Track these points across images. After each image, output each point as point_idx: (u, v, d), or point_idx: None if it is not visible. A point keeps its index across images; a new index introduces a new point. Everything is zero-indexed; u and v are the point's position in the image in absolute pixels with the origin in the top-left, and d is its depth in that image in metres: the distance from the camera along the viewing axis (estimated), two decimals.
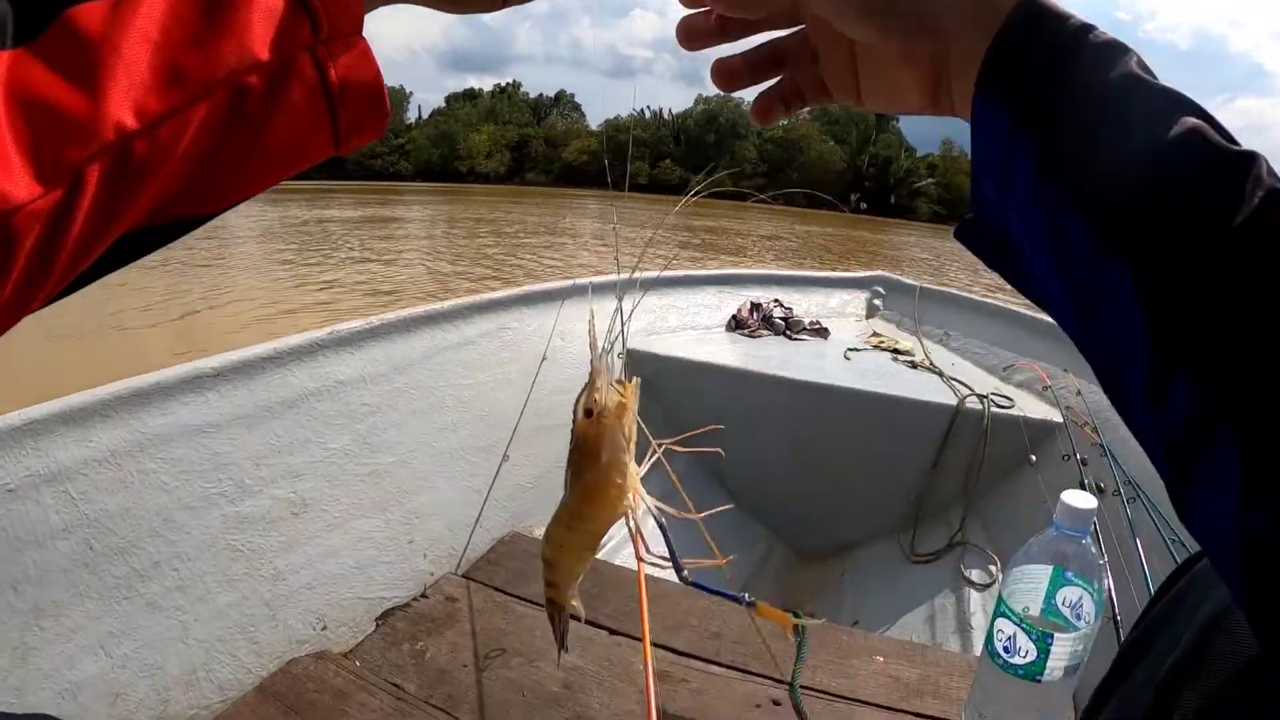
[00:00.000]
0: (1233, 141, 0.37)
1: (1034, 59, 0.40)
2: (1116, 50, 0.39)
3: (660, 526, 0.68)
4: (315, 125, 0.42)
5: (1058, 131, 0.39)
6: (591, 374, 0.56)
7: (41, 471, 1.10)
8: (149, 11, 0.35)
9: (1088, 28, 0.40)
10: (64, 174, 0.33)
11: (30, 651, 1.06)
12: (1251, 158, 0.36)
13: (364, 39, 0.43)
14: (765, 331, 2.99)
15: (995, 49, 0.41)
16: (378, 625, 1.47)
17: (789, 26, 0.52)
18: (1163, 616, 0.59)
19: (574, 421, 0.57)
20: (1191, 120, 0.37)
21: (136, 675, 1.16)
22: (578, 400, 0.57)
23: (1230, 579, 0.36)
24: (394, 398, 1.67)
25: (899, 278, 3.69)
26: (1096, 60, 0.39)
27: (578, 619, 0.72)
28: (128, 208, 0.37)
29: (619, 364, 0.55)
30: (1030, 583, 0.99)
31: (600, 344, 0.57)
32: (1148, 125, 0.37)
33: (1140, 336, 0.37)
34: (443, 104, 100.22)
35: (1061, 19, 0.40)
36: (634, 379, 0.58)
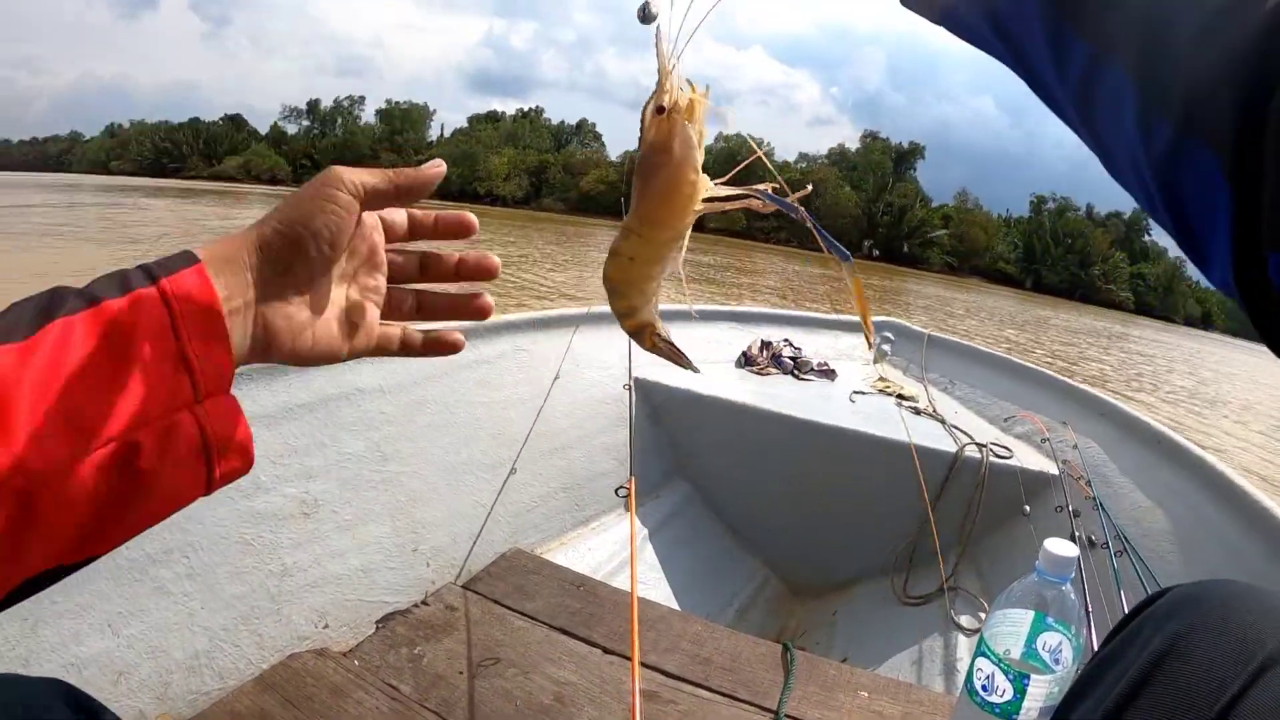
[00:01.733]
0: None
1: None
2: None
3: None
4: (194, 477, 0.46)
5: None
6: (660, 74, 0.54)
7: None
8: (53, 362, 0.40)
9: None
10: None
11: (39, 623, 1.10)
12: None
13: (233, 396, 0.48)
14: (774, 370, 3.03)
15: None
16: (378, 627, 1.51)
17: None
18: (1116, 651, 0.62)
19: (642, 124, 0.55)
20: None
21: (140, 656, 1.20)
22: (646, 104, 0.55)
23: (1151, 201, 0.42)
24: (410, 410, 1.71)
25: (908, 324, 3.73)
26: None
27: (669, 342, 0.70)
28: (23, 554, 0.40)
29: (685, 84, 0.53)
30: (1012, 626, 1.02)
31: (670, 49, 0.54)
32: None
33: (1035, 9, 0.44)
34: (465, 124, 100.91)
35: None
36: (707, 85, 0.56)
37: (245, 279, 0.48)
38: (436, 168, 0.56)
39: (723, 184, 0.58)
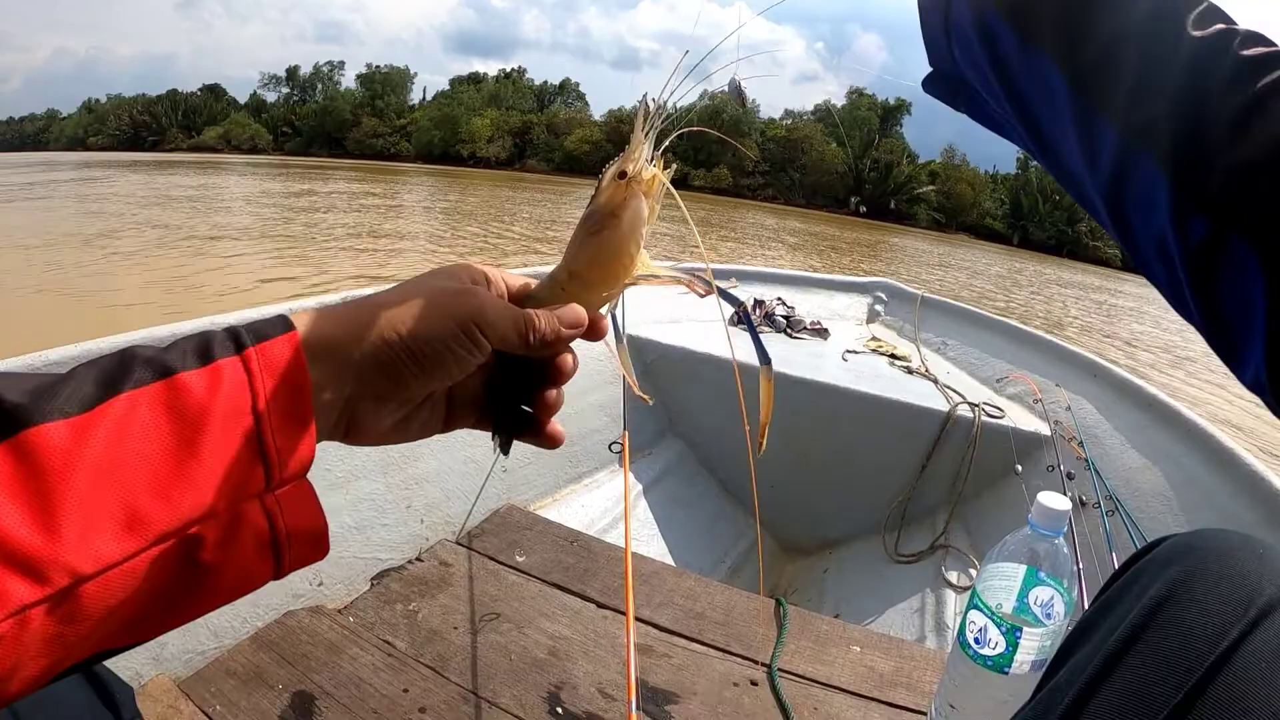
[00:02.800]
0: None
1: None
2: None
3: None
4: (260, 569, 0.42)
5: None
6: (633, 142, 0.54)
7: None
8: (112, 442, 0.35)
9: None
10: (6, 617, 0.32)
11: None
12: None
13: (308, 481, 0.44)
14: (767, 328, 3.02)
15: None
16: (372, 585, 1.51)
17: None
18: (1114, 597, 0.62)
19: (599, 182, 0.55)
20: None
21: None
22: (610, 164, 0.55)
23: (1177, 286, 0.44)
24: None
25: (901, 285, 3.72)
26: None
27: None
28: (67, 648, 0.35)
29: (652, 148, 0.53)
30: (1004, 579, 1.03)
31: (644, 119, 0.54)
32: None
33: (1065, 99, 0.46)
34: (447, 86, 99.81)
35: None
36: (671, 166, 0.56)
37: (346, 376, 0.45)
38: (577, 325, 0.54)
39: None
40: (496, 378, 0.55)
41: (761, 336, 2.66)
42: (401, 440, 0.52)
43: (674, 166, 0.56)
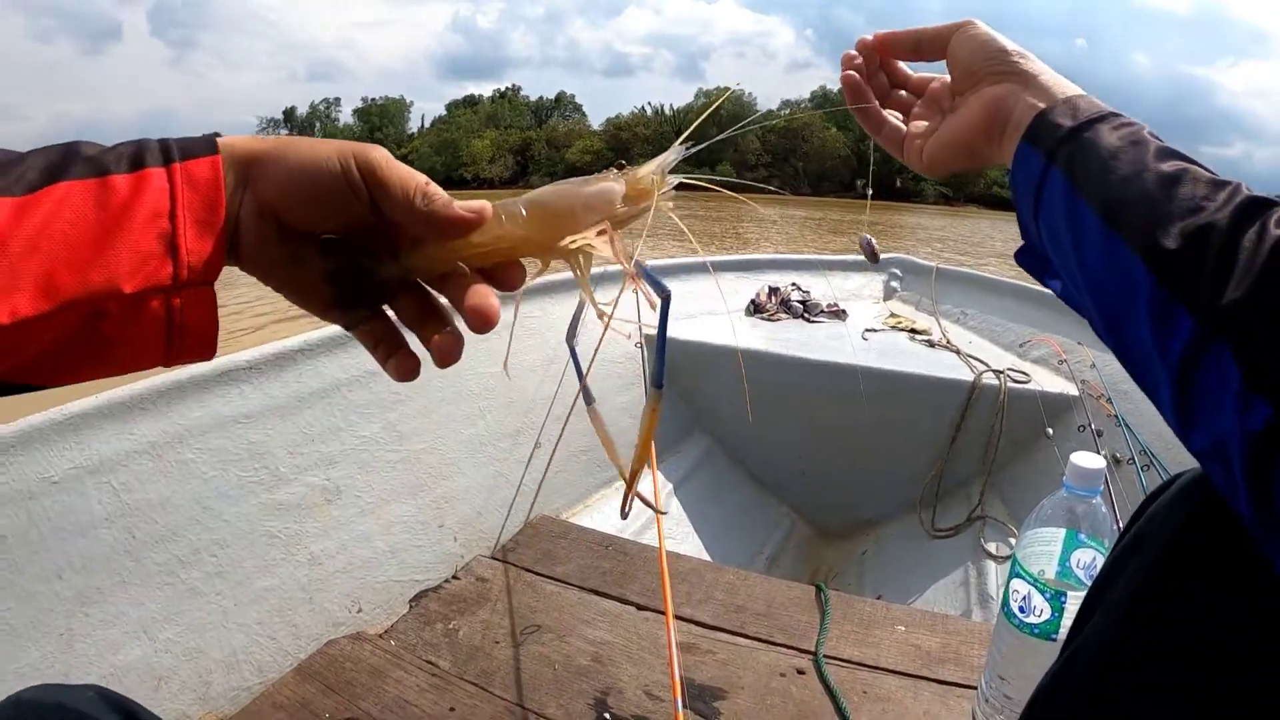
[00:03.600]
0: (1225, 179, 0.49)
1: (1069, 120, 0.57)
2: (1132, 127, 0.55)
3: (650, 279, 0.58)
4: (150, 350, 0.47)
5: (1078, 162, 0.55)
6: (649, 164, 0.56)
7: (84, 464, 1.15)
8: (44, 222, 0.41)
9: (1115, 114, 0.56)
10: None
11: (75, 637, 1.10)
12: (1229, 183, 0.48)
13: (213, 290, 0.47)
14: (783, 315, 3.01)
15: (1043, 113, 0.58)
16: (411, 606, 1.51)
17: (927, 56, 0.72)
18: (1139, 535, 0.63)
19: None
20: (1184, 163, 0.51)
21: (179, 659, 1.21)
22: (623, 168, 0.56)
23: (1233, 487, 0.44)
24: (421, 386, 1.71)
25: (915, 259, 3.69)
26: (1115, 128, 0.55)
27: None
28: None
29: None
30: (1044, 545, 1.02)
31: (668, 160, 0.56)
32: (1142, 165, 0.51)
33: (1142, 284, 0.48)
34: (443, 112, 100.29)
35: (1098, 106, 0.58)
36: (668, 198, 0.57)
37: (243, 184, 0.48)
38: (458, 211, 0.51)
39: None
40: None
41: (779, 323, 2.65)
42: (284, 292, 0.53)
43: (674, 187, 0.57)
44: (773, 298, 3.08)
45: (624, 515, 0.60)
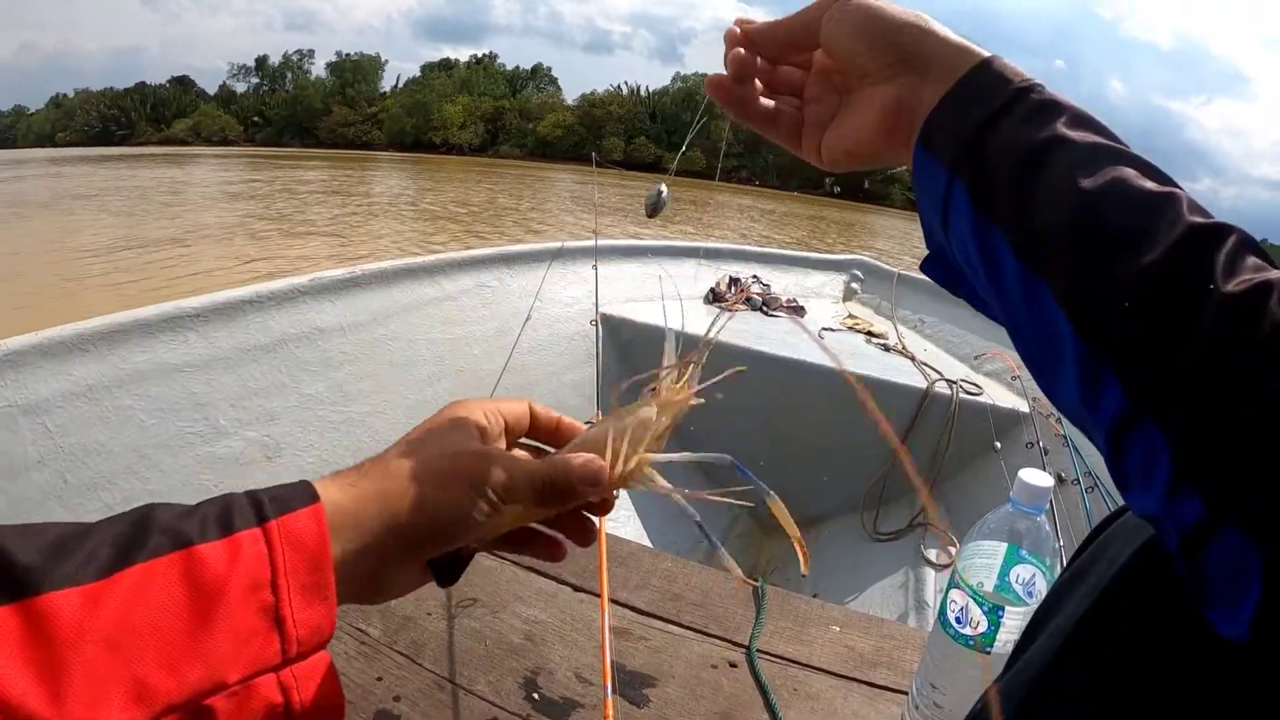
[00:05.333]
0: (1167, 181, 0.43)
1: (971, 117, 0.47)
2: (1048, 111, 0.46)
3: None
4: None
5: (982, 178, 0.46)
6: (669, 370, 0.60)
7: (19, 402, 1.10)
8: (124, 612, 0.35)
9: (1027, 90, 0.47)
10: None
11: None
12: (1168, 198, 0.41)
13: (328, 654, 0.43)
14: (742, 307, 3.01)
15: (939, 106, 0.49)
16: None
17: (805, 51, 0.60)
18: (1085, 565, 0.61)
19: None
20: (1113, 170, 0.43)
21: None
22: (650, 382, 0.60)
23: (1170, 552, 0.41)
24: (371, 348, 1.67)
25: (878, 262, 3.71)
26: (1026, 120, 0.46)
27: None
28: None
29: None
30: (985, 558, 1.02)
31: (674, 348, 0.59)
32: (1063, 180, 0.43)
33: (1068, 342, 0.42)
34: (418, 73, 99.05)
35: (1006, 82, 0.48)
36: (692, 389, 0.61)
37: (368, 550, 0.45)
38: (593, 480, 0.55)
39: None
40: None
41: (737, 314, 2.64)
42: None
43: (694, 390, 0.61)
44: (733, 288, 3.08)
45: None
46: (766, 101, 0.63)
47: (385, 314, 1.72)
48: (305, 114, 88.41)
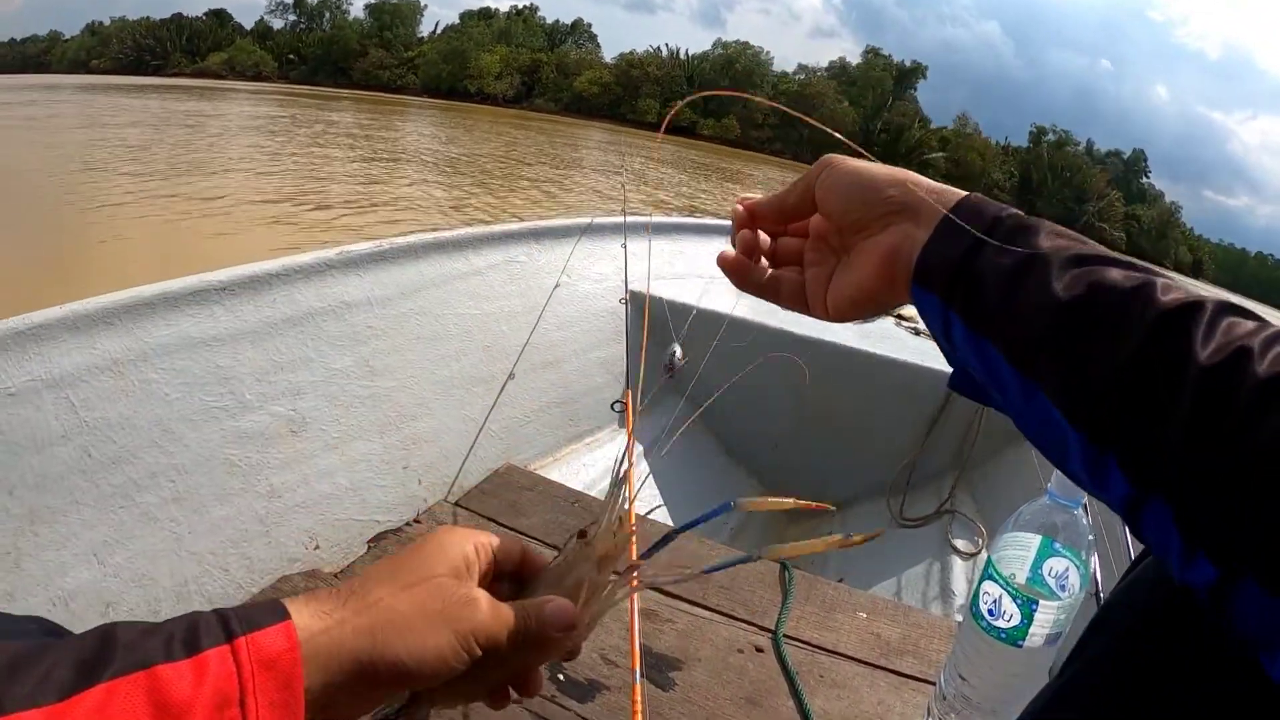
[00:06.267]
0: (1140, 271, 0.46)
1: (956, 250, 0.51)
2: (1024, 233, 0.50)
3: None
4: None
5: (972, 302, 0.50)
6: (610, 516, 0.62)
7: (43, 376, 1.10)
8: None
9: (1003, 217, 0.51)
10: None
11: (23, 557, 1.06)
12: (1139, 289, 0.44)
13: None
14: None
15: (927, 246, 0.53)
16: (370, 547, 1.49)
17: (803, 217, 0.66)
18: (1134, 586, 0.62)
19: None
20: (1087, 275, 0.46)
21: (128, 585, 1.17)
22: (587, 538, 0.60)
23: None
24: (399, 322, 1.67)
25: None
26: (1005, 243, 0.50)
27: None
28: None
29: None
30: (1019, 549, 1.00)
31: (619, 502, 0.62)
32: (1043, 293, 0.46)
33: (1070, 436, 0.45)
34: (457, 20, 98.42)
35: (983, 214, 0.52)
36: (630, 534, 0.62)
37: (335, 685, 0.44)
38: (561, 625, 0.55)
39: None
40: None
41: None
42: None
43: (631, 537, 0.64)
44: None
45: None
46: (772, 271, 0.69)
47: (413, 288, 1.71)
48: (341, 54, 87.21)
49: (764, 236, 0.68)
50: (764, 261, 0.68)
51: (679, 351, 1.01)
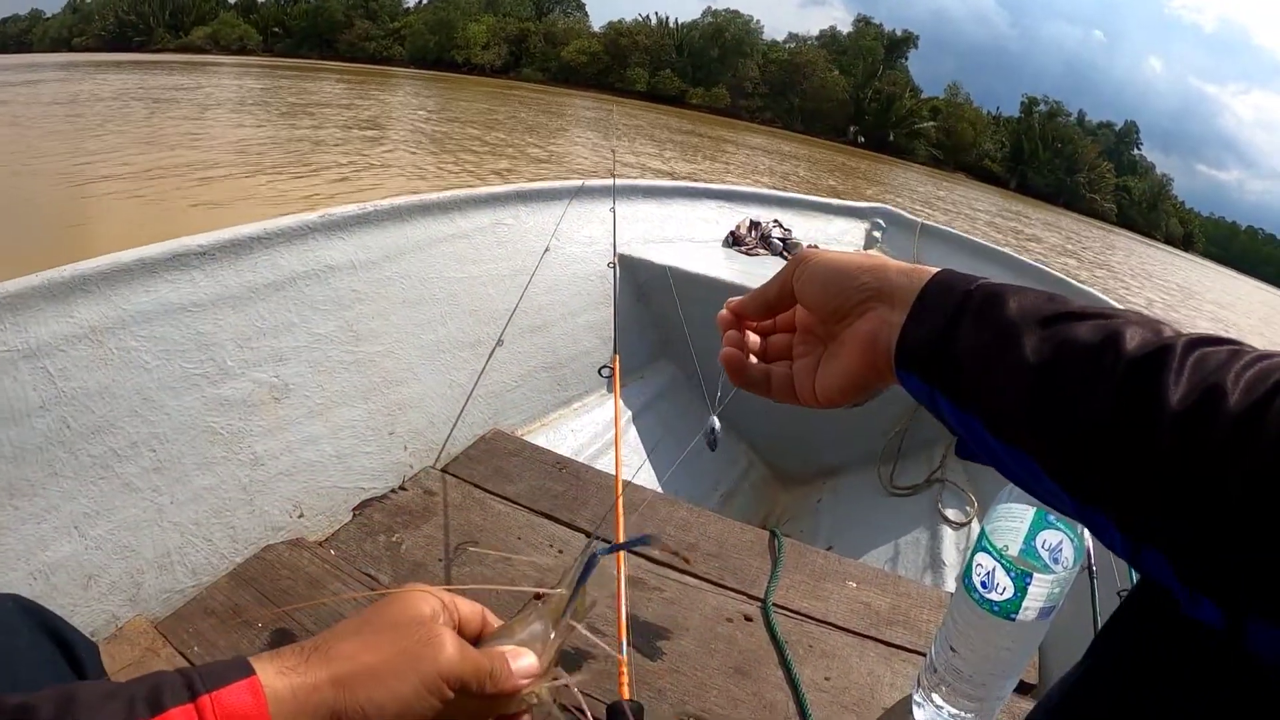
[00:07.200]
0: (1109, 317, 0.47)
1: (931, 331, 0.52)
2: (992, 303, 0.51)
3: None
4: None
5: (952, 381, 0.51)
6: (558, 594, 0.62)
7: (19, 347, 1.08)
8: None
9: (971, 291, 0.52)
10: None
11: (2, 531, 1.04)
12: (1106, 342, 0.44)
13: None
14: (762, 250, 2.95)
15: (904, 329, 0.54)
16: (354, 515, 1.47)
17: (784, 309, 0.68)
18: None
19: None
20: (1055, 335, 0.47)
21: (110, 556, 1.15)
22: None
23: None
24: (383, 286, 1.64)
25: (901, 212, 3.64)
26: (978, 317, 0.51)
27: None
28: None
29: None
30: (1012, 521, 0.99)
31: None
32: (1015, 362, 0.47)
33: (1063, 497, 0.46)
34: None
35: (952, 290, 0.53)
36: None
37: None
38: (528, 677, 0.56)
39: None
40: None
41: (757, 258, 2.59)
42: None
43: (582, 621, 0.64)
44: (753, 232, 3.02)
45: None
46: (763, 366, 0.69)
47: (398, 251, 1.68)
48: (326, 25, 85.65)
49: (753, 337, 0.70)
50: (753, 359, 0.69)
51: (718, 424, 1.01)
